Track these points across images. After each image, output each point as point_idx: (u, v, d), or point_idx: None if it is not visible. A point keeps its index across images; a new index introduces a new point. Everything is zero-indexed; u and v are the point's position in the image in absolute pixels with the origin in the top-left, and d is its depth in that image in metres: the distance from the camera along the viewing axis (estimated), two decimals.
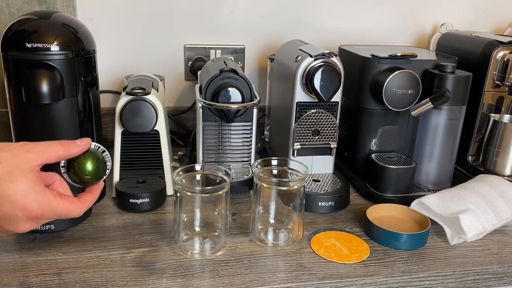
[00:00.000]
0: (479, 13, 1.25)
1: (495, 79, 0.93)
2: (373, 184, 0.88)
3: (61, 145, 0.55)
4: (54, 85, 0.70)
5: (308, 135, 0.87)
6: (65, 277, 0.61)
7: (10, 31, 0.70)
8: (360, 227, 0.77)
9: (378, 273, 0.65)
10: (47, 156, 0.54)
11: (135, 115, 0.79)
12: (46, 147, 0.54)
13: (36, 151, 0.53)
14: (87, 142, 0.59)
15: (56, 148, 0.55)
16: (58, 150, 0.55)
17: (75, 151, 0.57)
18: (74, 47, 0.72)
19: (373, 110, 0.89)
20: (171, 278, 0.62)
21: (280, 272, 0.64)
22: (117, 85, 1.13)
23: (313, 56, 0.82)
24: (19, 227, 0.53)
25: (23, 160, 0.52)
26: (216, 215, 0.69)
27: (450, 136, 0.88)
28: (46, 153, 0.54)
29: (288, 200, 0.73)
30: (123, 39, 1.10)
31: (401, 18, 1.21)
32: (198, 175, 0.71)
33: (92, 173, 0.59)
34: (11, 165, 0.51)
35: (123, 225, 0.76)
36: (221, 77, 0.82)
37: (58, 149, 0.55)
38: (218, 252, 0.68)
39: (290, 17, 1.16)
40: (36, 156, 0.53)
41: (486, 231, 0.73)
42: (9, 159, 0.51)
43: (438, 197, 0.77)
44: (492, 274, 0.68)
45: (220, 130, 0.87)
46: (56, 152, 0.55)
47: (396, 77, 0.83)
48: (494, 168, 0.93)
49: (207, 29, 1.13)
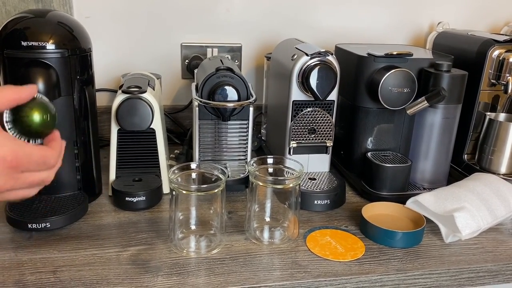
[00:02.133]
0: (475, 12, 1.25)
1: (490, 78, 0.93)
2: (369, 182, 0.88)
3: (11, 88, 0.50)
4: (50, 84, 0.70)
5: (304, 134, 0.87)
6: (61, 275, 0.61)
7: (6, 29, 0.70)
8: (355, 225, 0.78)
9: (373, 271, 0.65)
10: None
11: (131, 114, 0.79)
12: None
13: None
14: (34, 86, 0.53)
15: (7, 91, 0.50)
16: (8, 93, 0.50)
17: (25, 94, 0.51)
18: (70, 46, 0.72)
19: (369, 108, 0.89)
20: (167, 276, 0.62)
21: (275, 270, 0.65)
22: (114, 84, 1.13)
23: (309, 54, 0.82)
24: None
25: None
26: (212, 213, 0.70)
27: (445, 135, 0.88)
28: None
29: (284, 198, 0.74)
30: (120, 37, 1.10)
31: (398, 16, 1.21)
32: (194, 174, 0.71)
33: (44, 123, 0.53)
34: None
35: (119, 223, 0.76)
36: (217, 75, 0.82)
37: (8, 92, 0.50)
38: (213, 250, 0.68)
39: (286, 15, 1.16)
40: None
41: (481, 229, 0.74)
42: None
43: (434, 195, 0.77)
44: (486, 272, 0.69)
45: (217, 129, 0.87)
46: (7, 95, 0.49)
47: (392, 76, 0.83)
48: (490, 166, 0.93)
49: (204, 27, 1.13)
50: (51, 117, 0.54)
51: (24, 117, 0.51)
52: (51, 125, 0.54)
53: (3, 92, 0.50)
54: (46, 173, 0.52)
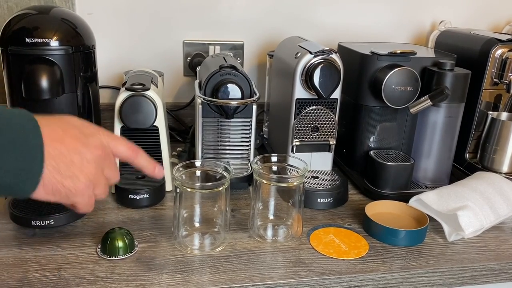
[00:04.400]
0: (477, 11, 1.25)
1: (493, 77, 0.93)
2: (371, 180, 0.88)
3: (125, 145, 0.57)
4: (53, 81, 0.70)
5: (307, 132, 0.87)
6: (65, 272, 0.61)
7: (10, 26, 0.70)
8: (358, 224, 0.78)
9: (377, 269, 0.65)
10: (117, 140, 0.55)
11: (135, 111, 0.78)
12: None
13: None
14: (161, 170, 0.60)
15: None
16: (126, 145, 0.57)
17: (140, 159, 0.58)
18: (73, 42, 0.72)
19: (372, 107, 0.90)
20: (171, 274, 0.62)
21: (280, 268, 0.65)
22: (116, 81, 1.12)
23: (313, 53, 0.82)
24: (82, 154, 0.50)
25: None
26: (216, 211, 0.70)
27: (448, 134, 0.88)
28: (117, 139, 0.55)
29: (288, 197, 0.74)
30: (122, 34, 1.10)
31: (400, 15, 1.21)
32: (198, 171, 0.71)
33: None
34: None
35: (122, 220, 0.76)
36: (220, 73, 0.82)
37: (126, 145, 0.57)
38: (217, 248, 0.68)
39: (289, 13, 1.15)
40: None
41: (484, 228, 0.74)
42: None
43: (436, 194, 0.77)
44: (489, 271, 0.69)
45: (219, 126, 0.87)
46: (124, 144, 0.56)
47: (395, 74, 0.83)
48: (492, 165, 0.93)
49: (206, 25, 1.13)
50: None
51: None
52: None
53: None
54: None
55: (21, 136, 0.45)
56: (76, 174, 0.50)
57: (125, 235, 0.66)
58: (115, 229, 0.66)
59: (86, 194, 0.52)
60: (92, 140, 0.52)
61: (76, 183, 0.50)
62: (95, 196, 0.54)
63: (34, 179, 0.46)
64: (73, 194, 0.50)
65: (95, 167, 0.51)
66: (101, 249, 0.66)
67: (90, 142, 0.51)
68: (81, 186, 0.50)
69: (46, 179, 0.47)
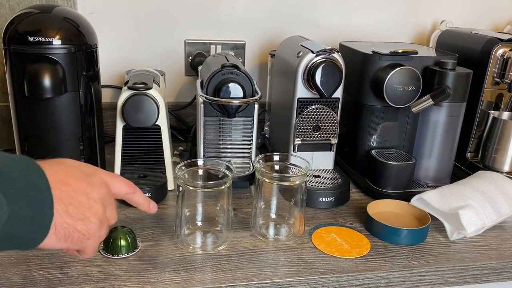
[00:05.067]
0: (478, 11, 1.25)
1: (494, 77, 0.93)
2: (373, 180, 0.88)
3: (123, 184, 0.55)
4: (56, 79, 0.70)
5: (309, 131, 0.87)
6: (68, 271, 0.62)
7: (12, 25, 0.70)
8: (360, 223, 0.78)
9: (379, 268, 0.65)
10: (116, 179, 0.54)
11: (137, 110, 0.79)
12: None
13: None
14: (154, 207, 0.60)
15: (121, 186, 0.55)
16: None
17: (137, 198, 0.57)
18: (76, 41, 0.72)
19: (374, 106, 0.90)
20: (174, 272, 0.62)
21: (282, 267, 0.65)
22: (118, 80, 1.12)
23: (315, 52, 0.82)
24: (91, 201, 0.48)
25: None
26: (218, 210, 0.70)
27: (450, 133, 0.88)
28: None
29: (290, 196, 0.74)
30: (124, 33, 1.10)
31: (401, 15, 1.22)
32: (200, 170, 0.71)
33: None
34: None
35: (124, 219, 0.76)
36: (222, 72, 0.82)
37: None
38: (220, 246, 0.69)
39: (290, 13, 1.16)
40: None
41: (486, 227, 0.74)
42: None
43: (438, 193, 0.77)
44: (491, 270, 0.69)
45: (221, 126, 0.88)
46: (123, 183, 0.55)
47: (397, 74, 0.84)
48: (493, 164, 0.93)
49: (208, 24, 1.13)
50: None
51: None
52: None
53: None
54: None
55: (30, 181, 0.43)
56: (87, 216, 0.48)
57: (128, 234, 0.66)
58: (118, 228, 0.66)
59: (97, 236, 0.50)
60: (94, 179, 0.50)
61: (88, 225, 0.48)
62: (100, 238, 0.52)
63: (45, 225, 0.44)
64: (86, 237, 0.48)
65: (102, 206, 0.50)
66: (103, 247, 0.66)
67: (93, 181, 0.50)
68: (93, 227, 0.48)
69: (58, 224, 0.45)
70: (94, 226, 0.48)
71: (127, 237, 0.65)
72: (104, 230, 0.52)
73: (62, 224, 0.45)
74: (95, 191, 0.49)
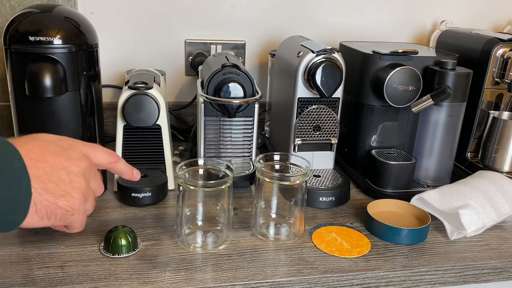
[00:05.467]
0: (478, 11, 1.25)
1: (494, 77, 0.93)
2: (373, 179, 0.88)
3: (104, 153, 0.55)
4: (57, 79, 0.70)
5: (309, 131, 0.87)
6: (69, 270, 0.62)
7: (13, 25, 0.70)
8: (360, 222, 0.78)
9: (379, 267, 0.66)
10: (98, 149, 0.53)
11: (138, 110, 0.79)
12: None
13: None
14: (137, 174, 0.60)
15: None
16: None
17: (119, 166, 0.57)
18: (76, 41, 0.72)
19: (374, 106, 0.90)
20: (174, 272, 0.62)
21: (283, 266, 0.65)
22: (118, 80, 1.13)
23: (315, 52, 0.82)
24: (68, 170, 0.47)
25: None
26: (219, 209, 0.70)
27: (450, 133, 0.88)
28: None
29: (290, 195, 0.74)
30: (124, 33, 1.10)
31: (401, 15, 1.22)
32: (201, 170, 0.71)
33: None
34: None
35: (125, 219, 0.76)
36: (223, 72, 0.82)
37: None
38: (220, 246, 0.69)
39: (290, 13, 1.16)
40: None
41: (486, 226, 0.74)
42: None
43: (438, 192, 0.78)
44: (491, 269, 0.69)
45: (221, 125, 0.88)
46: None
47: (397, 74, 0.84)
48: (493, 164, 0.93)
49: (208, 24, 1.13)
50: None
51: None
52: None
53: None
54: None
55: (4, 163, 0.41)
56: (68, 191, 0.46)
57: (128, 233, 0.66)
58: (118, 227, 0.67)
59: (82, 210, 0.49)
60: (73, 153, 0.49)
61: (70, 200, 0.47)
62: (86, 211, 0.51)
63: (24, 206, 0.43)
64: (70, 212, 0.47)
65: (84, 180, 0.49)
66: (104, 247, 0.66)
67: (72, 155, 0.48)
68: (76, 202, 0.47)
69: (37, 202, 0.44)
70: (77, 200, 0.47)
71: (127, 237, 0.65)
72: (90, 203, 0.51)
73: (42, 202, 0.44)
74: (75, 164, 0.48)
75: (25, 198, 0.43)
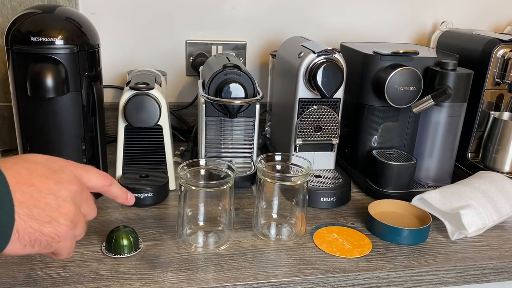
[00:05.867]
0: (478, 12, 1.26)
1: (495, 77, 0.93)
2: (373, 180, 0.88)
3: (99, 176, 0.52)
4: (59, 79, 0.70)
5: (310, 131, 0.88)
6: (71, 270, 0.62)
7: (15, 25, 0.70)
8: (361, 223, 0.78)
9: (380, 268, 0.66)
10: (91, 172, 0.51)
11: (139, 110, 0.79)
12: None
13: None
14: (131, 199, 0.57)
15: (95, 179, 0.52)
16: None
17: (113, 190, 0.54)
18: (78, 41, 0.73)
19: (375, 106, 0.90)
20: (176, 272, 0.62)
21: (284, 266, 0.65)
22: (119, 80, 1.13)
23: (316, 52, 0.82)
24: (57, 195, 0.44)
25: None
26: (220, 209, 0.70)
27: (450, 133, 0.88)
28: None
29: (291, 196, 0.74)
30: (125, 34, 1.10)
31: (402, 15, 1.22)
32: (202, 170, 0.72)
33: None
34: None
35: (126, 219, 0.76)
36: (224, 72, 0.82)
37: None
38: (222, 246, 0.69)
39: (291, 13, 1.16)
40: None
41: (486, 226, 0.74)
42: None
43: (439, 193, 0.78)
44: (492, 269, 0.69)
45: (222, 126, 0.88)
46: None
47: (398, 74, 0.84)
48: (494, 165, 0.94)
49: (209, 24, 1.13)
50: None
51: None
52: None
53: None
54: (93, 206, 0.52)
55: None
56: (55, 217, 0.43)
57: (130, 234, 0.66)
58: (120, 227, 0.67)
59: (69, 237, 0.46)
60: (64, 176, 0.46)
61: (57, 227, 0.44)
62: (75, 237, 0.49)
63: (6, 233, 0.40)
64: (56, 240, 0.44)
65: (73, 205, 0.46)
66: (106, 247, 0.66)
67: (62, 178, 0.46)
68: (63, 229, 0.44)
69: (21, 229, 0.41)
70: (64, 227, 0.45)
71: (129, 237, 0.65)
72: (80, 229, 0.48)
73: (26, 229, 0.42)
74: (64, 188, 0.45)
75: (7, 225, 0.40)
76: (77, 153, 0.77)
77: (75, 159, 0.75)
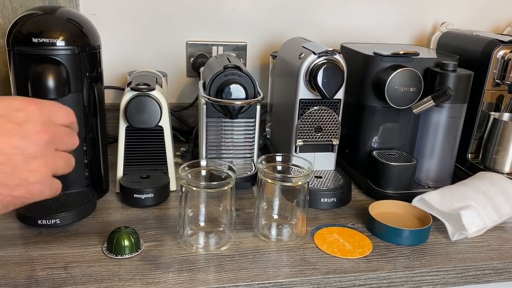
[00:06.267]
0: (478, 12, 1.26)
1: (495, 78, 0.94)
2: (374, 181, 0.89)
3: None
4: (60, 80, 0.70)
5: (311, 132, 0.88)
6: (72, 271, 0.62)
7: (16, 26, 0.70)
8: (362, 223, 0.78)
9: (381, 268, 0.66)
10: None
11: (140, 111, 0.79)
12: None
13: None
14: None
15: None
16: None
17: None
18: (79, 42, 0.73)
19: (375, 107, 0.90)
20: (177, 272, 0.63)
21: (285, 267, 0.65)
22: (119, 81, 1.13)
23: (317, 53, 0.82)
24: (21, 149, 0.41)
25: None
26: (221, 210, 0.70)
27: (450, 134, 0.88)
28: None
29: (292, 196, 0.74)
30: (126, 35, 1.10)
31: (402, 16, 1.22)
32: (203, 171, 0.72)
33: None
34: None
35: (127, 220, 0.76)
36: (225, 73, 0.82)
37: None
38: (222, 247, 0.69)
39: (292, 14, 1.16)
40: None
41: (487, 227, 0.74)
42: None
43: (439, 193, 0.78)
44: (492, 270, 0.69)
45: (223, 127, 0.88)
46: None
47: (399, 75, 0.84)
48: (494, 165, 0.94)
49: (210, 25, 1.13)
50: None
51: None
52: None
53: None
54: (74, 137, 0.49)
55: None
56: (24, 177, 0.41)
57: (131, 234, 0.66)
58: (121, 228, 0.67)
59: (46, 187, 0.44)
60: (30, 127, 0.42)
61: (28, 187, 0.42)
62: (58, 174, 0.46)
63: None
64: (30, 198, 0.43)
65: (44, 159, 0.43)
66: (107, 248, 0.66)
67: (28, 130, 0.42)
68: (36, 187, 0.43)
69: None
70: (37, 185, 0.43)
71: (130, 238, 0.66)
72: (61, 167, 0.46)
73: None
74: (32, 143, 0.42)
75: None
76: (78, 153, 0.77)
77: (76, 160, 0.76)
